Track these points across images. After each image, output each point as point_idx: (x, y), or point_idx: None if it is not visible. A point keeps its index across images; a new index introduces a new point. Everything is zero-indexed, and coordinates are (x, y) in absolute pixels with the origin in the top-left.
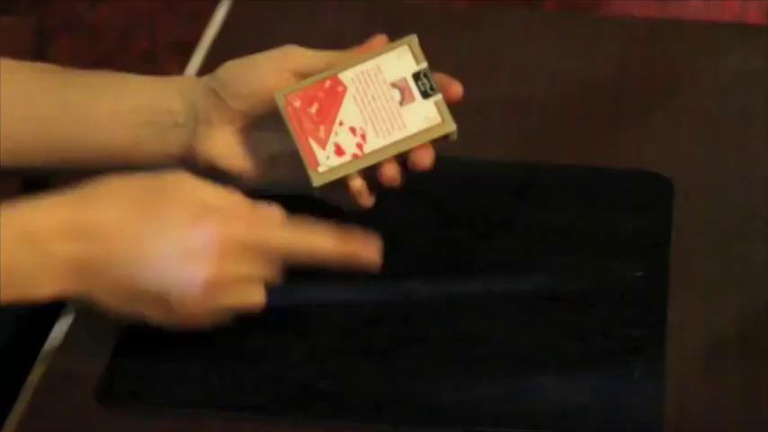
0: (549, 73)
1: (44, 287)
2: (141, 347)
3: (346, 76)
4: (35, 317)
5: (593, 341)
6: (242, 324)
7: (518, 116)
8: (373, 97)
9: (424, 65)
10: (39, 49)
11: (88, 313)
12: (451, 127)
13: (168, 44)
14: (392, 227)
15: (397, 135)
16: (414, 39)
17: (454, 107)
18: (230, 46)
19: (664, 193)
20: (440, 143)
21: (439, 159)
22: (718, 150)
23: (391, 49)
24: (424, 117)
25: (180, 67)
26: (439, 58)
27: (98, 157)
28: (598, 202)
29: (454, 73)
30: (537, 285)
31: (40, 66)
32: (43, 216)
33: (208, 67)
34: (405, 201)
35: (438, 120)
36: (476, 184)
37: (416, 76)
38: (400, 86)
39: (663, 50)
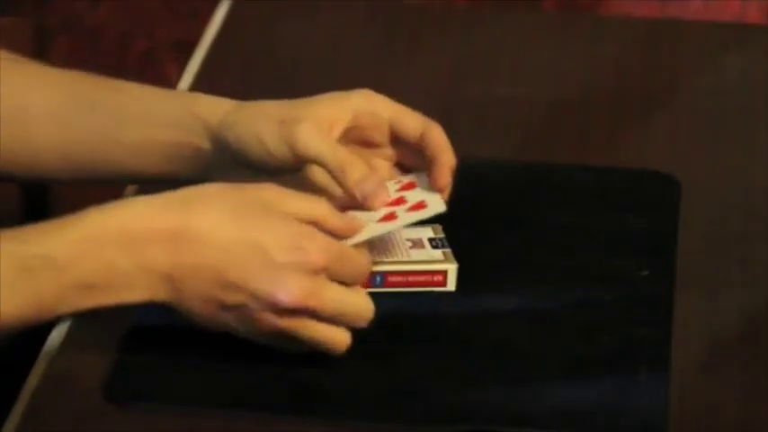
0: (549, 73)
1: (136, 292)
2: (146, 346)
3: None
4: None
5: (598, 341)
6: None
7: (518, 116)
8: (387, 244)
9: (442, 235)
10: (39, 49)
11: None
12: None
13: (168, 44)
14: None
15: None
16: (438, 226)
17: (456, 104)
18: (230, 46)
19: (671, 192)
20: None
21: None
22: (718, 150)
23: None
24: (428, 255)
25: (180, 67)
26: (439, 58)
27: (126, 176)
28: (605, 201)
29: (454, 73)
30: (541, 285)
31: (71, 76)
32: (141, 218)
33: (208, 67)
34: None
35: (441, 258)
36: (477, 184)
37: (431, 239)
38: (414, 240)
39: (663, 50)
